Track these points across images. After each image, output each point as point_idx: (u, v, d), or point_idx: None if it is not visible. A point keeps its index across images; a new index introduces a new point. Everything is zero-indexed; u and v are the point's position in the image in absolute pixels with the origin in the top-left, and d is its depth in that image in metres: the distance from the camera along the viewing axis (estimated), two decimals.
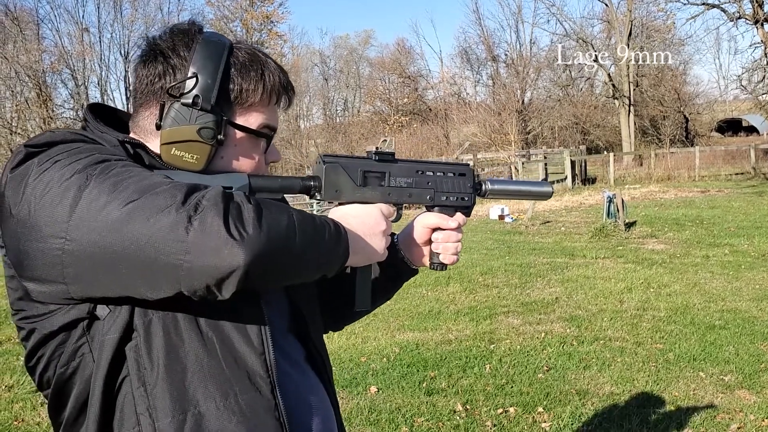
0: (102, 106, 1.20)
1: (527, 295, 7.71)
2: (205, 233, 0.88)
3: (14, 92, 34.29)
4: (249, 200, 0.95)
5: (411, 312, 7.05)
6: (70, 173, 0.92)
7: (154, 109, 1.12)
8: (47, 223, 0.91)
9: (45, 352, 1.05)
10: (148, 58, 1.13)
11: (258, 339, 1.08)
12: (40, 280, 0.96)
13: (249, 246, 0.90)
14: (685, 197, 18.85)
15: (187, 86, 1.08)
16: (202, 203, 0.90)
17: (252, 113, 1.15)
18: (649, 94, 38.34)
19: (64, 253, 0.91)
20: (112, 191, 0.90)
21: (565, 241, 11.91)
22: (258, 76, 1.14)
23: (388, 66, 46.50)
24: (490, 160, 29.02)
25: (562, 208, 17.95)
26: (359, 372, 5.14)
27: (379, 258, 1.21)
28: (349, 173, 1.20)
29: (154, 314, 1.01)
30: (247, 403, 1.05)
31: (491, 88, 42.30)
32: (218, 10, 43.91)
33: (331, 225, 1.07)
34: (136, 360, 1.01)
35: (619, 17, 36.07)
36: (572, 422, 4.11)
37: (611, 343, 5.71)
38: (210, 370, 1.04)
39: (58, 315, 1.01)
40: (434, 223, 1.34)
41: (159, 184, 0.92)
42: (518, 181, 1.51)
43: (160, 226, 0.88)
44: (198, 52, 1.10)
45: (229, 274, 0.90)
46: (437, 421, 4.17)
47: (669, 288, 7.71)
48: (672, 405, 4.32)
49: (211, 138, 1.09)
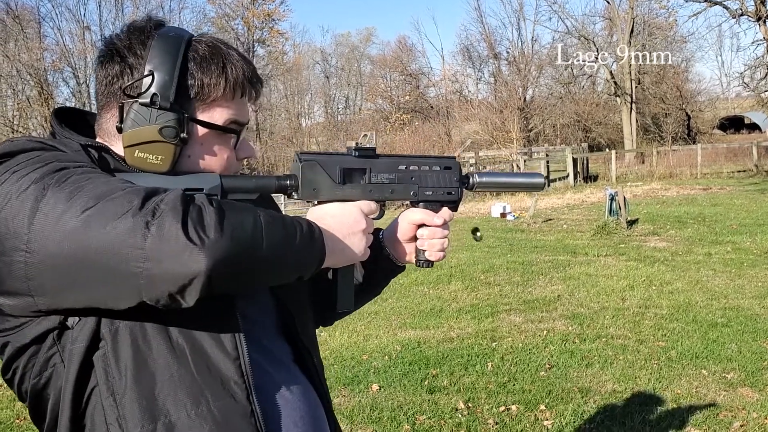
0: (70, 109, 1.17)
1: (529, 292, 7.70)
2: (163, 239, 0.85)
3: (16, 90, 34.30)
4: (211, 203, 0.91)
5: (413, 310, 7.05)
6: (27, 184, 0.89)
7: (114, 110, 1.08)
8: (8, 237, 0.88)
9: (19, 365, 1.02)
10: (105, 59, 1.09)
11: (232, 344, 1.04)
12: (8, 294, 0.94)
13: (210, 251, 0.86)
14: (687, 195, 18.82)
15: (144, 84, 1.05)
16: (160, 207, 0.87)
17: (216, 108, 1.11)
18: (651, 91, 38.27)
19: (27, 265, 0.88)
20: (68, 199, 0.87)
21: (567, 239, 11.90)
22: (219, 69, 1.10)
23: (389, 63, 46.48)
24: (492, 157, 29.00)
25: (564, 205, 17.94)
26: (361, 370, 5.13)
27: (360, 258, 1.17)
28: (328, 171, 1.16)
29: (120, 323, 0.98)
30: (220, 410, 1.02)
31: (493, 85, 42.30)
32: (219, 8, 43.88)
33: (304, 225, 1.03)
34: (104, 369, 0.98)
35: (620, 15, 36.01)
36: (574, 420, 4.10)
37: (613, 340, 5.70)
38: (180, 378, 1.00)
39: (29, 327, 0.98)
40: (419, 219, 1.30)
41: (116, 190, 0.89)
42: (508, 173, 1.48)
43: (117, 233, 0.85)
44: (153, 48, 1.06)
45: (191, 281, 0.87)
46: (439, 419, 4.16)
47: (671, 285, 7.69)
48: (674, 403, 4.31)
49: (174, 137, 1.05)
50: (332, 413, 1.29)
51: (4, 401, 4.70)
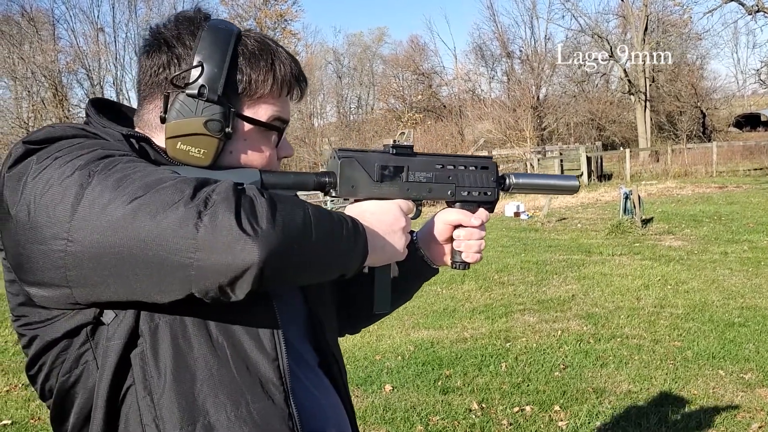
0: (105, 101, 1.14)
1: (543, 292, 7.66)
2: (216, 229, 0.82)
3: (30, 92, 34.60)
4: (262, 194, 0.89)
5: (426, 310, 7.02)
6: (71, 170, 0.86)
7: (158, 101, 1.06)
8: (48, 224, 0.85)
9: (47, 360, 0.99)
10: (151, 48, 1.07)
11: (271, 344, 1.03)
12: (43, 285, 0.90)
13: (263, 242, 0.84)
14: (702, 193, 18.66)
15: (192, 76, 1.02)
16: (212, 198, 0.85)
17: (262, 105, 1.09)
18: (665, 89, 37.99)
19: (67, 255, 0.85)
20: (115, 188, 0.84)
21: (582, 238, 11.83)
22: (268, 66, 1.08)
23: (401, 63, 46.42)
24: (505, 156, 28.90)
25: (578, 204, 17.83)
26: (374, 370, 5.12)
27: (399, 257, 1.15)
28: (366, 168, 1.15)
29: (161, 319, 0.96)
30: (259, 413, 0.99)
31: (506, 84, 42.16)
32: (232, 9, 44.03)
33: (349, 221, 1.01)
34: (141, 368, 0.95)
35: (634, 12, 35.77)
36: (589, 421, 4.07)
37: (628, 340, 5.65)
38: (220, 378, 0.98)
39: (61, 321, 0.95)
40: (456, 220, 1.28)
41: (166, 179, 0.87)
42: (544, 175, 1.45)
43: (168, 223, 0.82)
44: (203, 40, 1.04)
45: (243, 272, 0.84)
46: (453, 419, 4.14)
47: (687, 285, 7.62)
48: (691, 404, 4.26)
49: (219, 131, 1.03)
50: (354, 419, 1.27)
51: (19, 401, 4.73)
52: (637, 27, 35.20)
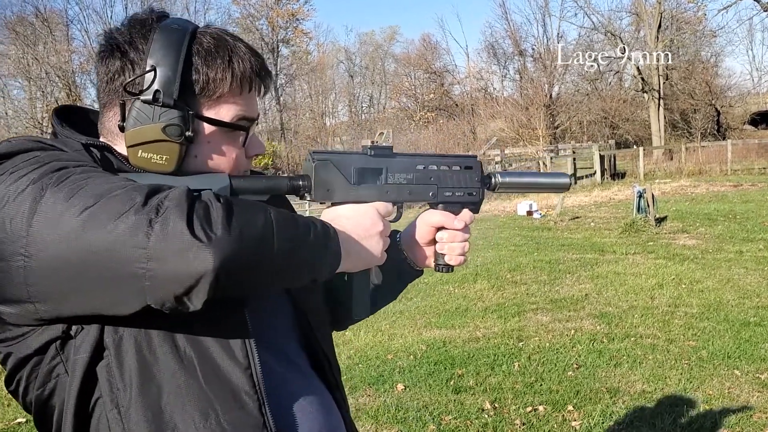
0: (71, 108, 1.12)
1: (556, 291, 7.62)
2: (167, 237, 0.80)
3: (44, 92, 34.88)
4: (218, 199, 0.87)
5: (438, 309, 7.01)
6: (25, 184, 0.85)
7: (116, 108, 1.02)
8: (6, 240, 0.84)
9: (23, 375, 0.98)
10: (105, 54, 1.03)
11: (242, 352, 0.99)
12: (8, 302, 0.89)
13: (217, 248, 0.81)
14: (717, 192, 18.51)
15: (146, 81, 0.99)
16: (164, 204, 0.82)
17: (222, 105, 1.05)
18: (679, 87, 37.75)
19: (26, 270, 0.83)
20: (67, 199, 0.82)
21: (595, 237, 11.77)
22: (225, 63, 1.03)
23: (413, 62, 46.42)
24: (517, 155, 28.82)
25: (592, 203, 17.74)
26: (386, 369, 5.11)
27: (376, 262, 1.12)
28: (342, 171, 1.11)
29: (124, 331, 0.93)
30: (230, 423, 0.97)
31: (518, 82, 42.05)
32: (244, 9, 44.23)
33: (318, 225, 0.98)
34: (108, 380, 0.93)
35: (648, 10, 35.57)
36: (603, 421, 4.04)
37: (642, 340, 5.61)
38: (188, 389, 0.95)
39: (32, 336, 0.94)
40: (438, 222, 1.24)
41: (117, 188, 0.84)
42: (532, 173, 1.40)
43: (118, 233, 0.80)
44: (156, 42, 0.99)
45: (198, 281, 0.82)
46: (465, 419, 4.12)
47: (701, 284, 7.56)
48: (706, 404, 4.22)
49: (179, 135, 0.99)
50: (350, 421, 1.25)
51: None
52: (651, 24, 35.01)
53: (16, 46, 34.51)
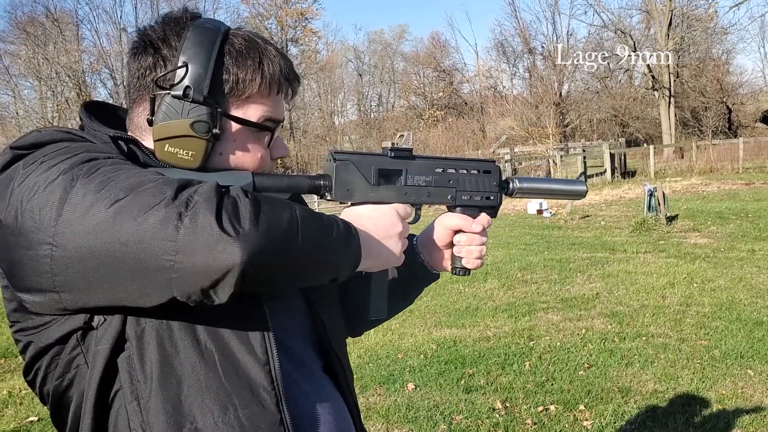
0: (99, 103, 1.14)
1: (567, 290, 7.59)
2: (196, 230, 0.81)
3: (55, 92, 35.09)
4: (246, 194, 0.88)
5: (448, 308, 7.00)
6: (56, 174, 0.86)
7: (146, 103, 1.04)
8: (34, 229, 0.84)
9: (41, 365, 0.99)
10: (138, 51, 1.05)
11: (261, 348, 1.00)
12: (32, 290, 0.89)
13: (245, 243, 0.82)
14: (728, 190, 18.42)
15: (177, 76, 1.00)
16: (193, 198, 0.83)
17: (250, 105, 1.06)
18: (690, 84, 37.54)
19: (53, 260, 0.84)
20: (98, 191, 0.83)
21: (605, 236, 11.73)
22: (256, 64, 1.05)
23: (422, 60, 46.37)
24: (527, 153, 28.75)
25: (602, 202, 17.69)
26: (396, 369, 5.10)
27: (395, 262, 1.12)
28: (362, 171, 1.12)
29: (147, 323, 0.94)
30: (248, 418, 0.97)
31: (528, 80, 41.93)
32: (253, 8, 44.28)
33: (341, 224, 0.98)
34: (128, 372, 0.94)
35: (658, 7, 35.38)
36: (614, 420, 4.02)
37: (654, 339, 5.58)
38: (207, 383, 0.96)
39: (53, 326, 0.95)
40: (456, 225, 1.25)
41: (148, 181, 0.85)
42: (549, 179, 1.40)
43: (148, 225, 0.81)
44: (189, 40, 1.01)
45: (225, 274, 0.83)
46: (476, 419, 4.11)
47: (713, 283, 7.52)
48: (719, 404, 4.20)
49: (206, 132, 1.01)
50: (360, 423, 1.25)
51: None
52: (661, 22, 34.82)
53: (26, 46, 34.73)
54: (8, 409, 4.64)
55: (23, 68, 35.51)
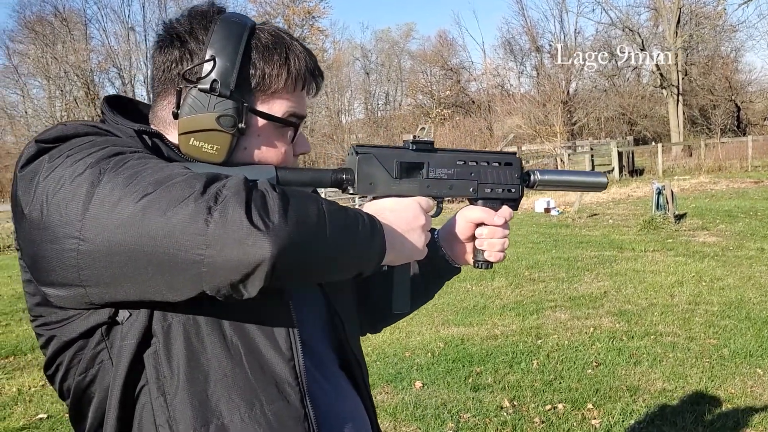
0: (120, 98, 1.13)
1: (575, 289, 7.57)
2: (226, 224, 0.81)
3: (64, 91, 35.23)
4: (274, 188, 0.88)
5: (455, 307, 6.99)
6: (83, 168, 0.85)
7: (171, 97, 1.04)
8: (60, 223, 0.84)
9: (63, 360, 0.98)
10: (164, 43, 1.05)
11: (286, 344, 1.01)
12: (58, 284, 0.89)
13: (275, 236, 0.82)
14: (737, 188, 18.32)
15: (204, 70, 1.00)
16: (222, 193, 0.83)
17: (276, 100, 1.06)
18: (698, 82, 37.39)
19: (79, 254, 0.84)
20: (126, 185, 0.83)
21: (613, 234, 11.68)
22: (282, 60, 1.05)
23: (429, 59, 46.29)
24: (535, 152, 28.67)
25: (610, 200, 17.62)
26: (404, 367, 5.10)
27: (418, 255, 1.11)
28: (385, 165, 1.12)
29: (174, 318, 0.94)
30: (274, 414, 0.98)
31: (535, 79, 41.81)
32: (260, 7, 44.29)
33: (366, 218, 0.98)
34: (155, 368, 0.94)
35: (666, 5, 35.23)
36: (623, 419, 4.00)
37: (662, 338, 5.56)
38: (234, 379, 0.96)
39: (77, 321, 0.94)
40: (478, 218, 1.24)
41: (176, 175, 0.85)
42: (571, 171, 1.40)
43: (178, 220, 0.81)
44: (216, 33, 1.01)
45: (255, 268, 0.82)
46: (484, 417, 4.11)
47: (722, 281, 7.48)
48: (728, 402, 4.18)
49: (232, 126, 1.01)
50: (376, 420, 1.25)
51: (54, 396, 4.80)
52: (670, 20, 34.66)
53: (35, 46, 34.88)
54: (17, 406, 4.66)
55: (32, 67, 35.68)
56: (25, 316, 7.45)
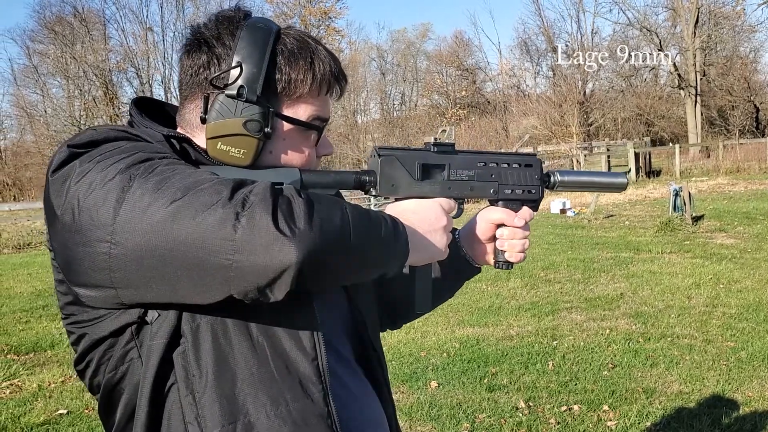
0: (148, 99, 1.16)
1: (591, 290, 7.55)
2: (253, 230, 0.83)
3: (82, 91, 35.53)
4: (299, 194, 0.90)
5: (471, 307, 6.99)
6: (113, 173, 0.88)
7: (199, 101, 1.06)
8: (92, 227, 0.87)
9: (94, 357, 1.02)
10: (192, 48, 1.07)
11: (310, 343, 1.03)
12: (90, 286, 0.92)
13: (301, 242, 0.84)
14: (756, 190, 18.14)
15: (232, 76, 1.02)
16: (249, 198, 0.85)
17: (301, 104, 1.09)
18: (716, 83, 37.03)
19: (111, 257, 0.87)
20: (155, 191, 0.86)
21: (630, 236, 11.62)
22: (307, 64, 1.07)
23: (445, 59, 46.19)
24: (551, 152, 28.53)
25: (626, 201, 17.52)
26: (419, 367, 5.11)
27: (440, 256, 1.13)
28: (406, 166, 1.14)
29: (202, 319, 0.97)
30: (298, 411, 1.00)
31: (551, 79, 41.61)
32: (277, 7, 44.42)
33: (388, 221, 1.00)
34: (183, 367, 0.96)
35: (684, 5, 34.93)
36: (639, 421, 4.00)
37: (679, 340, 5.53)
38: (260, 377, 0.99)
39: (108, 320, 0.97)
40: (498, 219, 1.26)
41: (204, 181, 0.88)
42: (590, 172, 1.40)
43: (207, 225, 0.83)
44: (242, 39, 1.03)
45: (281, 273, 0.85)
46: (499, 417, 4.11)
47: (740, 284, 7.43)
48: (746, 406, 4.15)
49: (258, 131, 1.03)
50: (395, 417, 1.26)
51: (74, 392, 4.86)
52: (688, 20, 34.38)
53: (55, 46, 35.21)
54: (38, 402, 4.72)
55: (51, 67, 36.02)
56: (45, 313, 7.54)
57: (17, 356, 5.95)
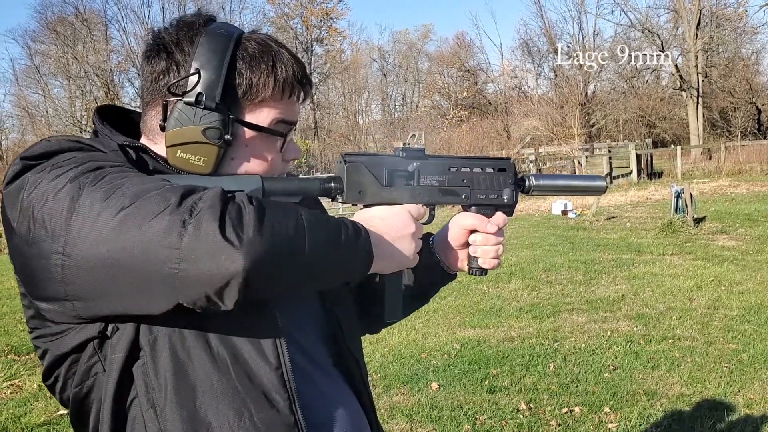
0: (114, 107, 1.14)
1: (592, 292, 7.54)
2: (199, 238, 0.81)
3: (84, 91, 35.61)
4: (251, 201, 0.88)
5: (472, 308, 6.98)
6: (63, 183, 0.86)
7: (159, 108, 1.04)
8: (46, 238, 0.86)
9: (60, 372, 1.00)
10: (152, 54, 1.05)
11: (273, 352, 1.01)
12: (48, 299, 0.91)
13: (247, 250, 0.82)
14: (757, 192, 18.13)
15: (190, 83, 1.01)
16: (197, 206, 0.84)
17: (264, 108, 1.06)
18: (718, 85, 37.01)
19: (64, 269, 0.85)
20: (104, 199, 0.84)
21: (631, 237, 11.62)
22: (269, 68, 1.05)
23: (447, 60, 46.23)
24: (552, 154, 28.53)
25: (628, 203, 17.52)
26: (420, 368, 5.11)
27: (408, 264, 1.11)
28: (374, 172, 1.11)
29: (159, 331, 0.95)
30: (263, 422, 0.98)
31: (553, 80, 41.63)
32: (279, 8, 44.52)
33: (350, 227, 0.98)
34: (143, 380, 0.95)
35: (686, 6, 34.93)
36: (640, 423, 3.99)
37: (680, 342, 5.52)
38: (222, 389, 0.97)
39: (70, 335, 0.96)
40: (471, 225, 1.23)
41: (153, 189, 0.86)
42: (566, 176, 1.38)
43: (153, 233, 0.81)
44: (201, 46, 1.01)
45: (228, 282, 0.83)
46: (500, 419, 4.11)
47: (741, 286, 7.41)
48: (747, 408, 4.14)
49: (218, 138, 1.01)
50: (376, 420, 1.25)
51: None
52: (690, 22, 34.37)
53: (56, 46, 35.31)
54: (38, 402, 4.72)
55: (53, 67, 36.12)
56: None
57: (18, 356, 5.95)
